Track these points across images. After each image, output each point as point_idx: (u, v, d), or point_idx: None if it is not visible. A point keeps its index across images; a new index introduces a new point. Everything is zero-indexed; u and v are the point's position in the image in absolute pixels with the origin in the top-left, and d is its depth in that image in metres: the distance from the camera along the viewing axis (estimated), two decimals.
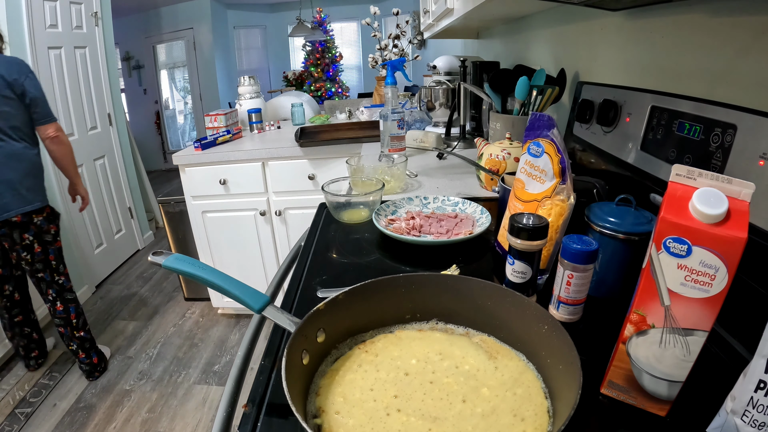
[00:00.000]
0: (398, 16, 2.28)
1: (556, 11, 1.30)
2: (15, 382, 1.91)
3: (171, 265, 0.51)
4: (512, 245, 0.54)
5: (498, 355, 0.47)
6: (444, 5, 1.60)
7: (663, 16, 0.79)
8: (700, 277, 0.35)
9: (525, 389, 0.43)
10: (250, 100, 2.39)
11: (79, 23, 2.64)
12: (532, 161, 0.63)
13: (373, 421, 0.40)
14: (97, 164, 2.79)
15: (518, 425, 0.39)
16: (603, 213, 0.60)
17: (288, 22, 6.02)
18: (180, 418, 1.71)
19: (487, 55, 2.37)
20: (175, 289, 2.67)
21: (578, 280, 0.53)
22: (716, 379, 0.46)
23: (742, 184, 0.35)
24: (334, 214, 0.95)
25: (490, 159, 1.03)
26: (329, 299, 0.48)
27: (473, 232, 0.80)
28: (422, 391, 0.43)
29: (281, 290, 0.78)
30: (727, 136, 0.56)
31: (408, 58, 2.01)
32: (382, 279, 0.53)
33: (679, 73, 0.75)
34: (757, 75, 0.58)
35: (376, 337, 0.51)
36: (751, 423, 0.34)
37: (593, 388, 0.46)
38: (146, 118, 5.61)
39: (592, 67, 1.09)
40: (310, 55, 5.73)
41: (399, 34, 2.38)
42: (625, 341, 0.41)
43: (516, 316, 0.48)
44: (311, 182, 1.99)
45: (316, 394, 0.44)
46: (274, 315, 0.48)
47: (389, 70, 1.24)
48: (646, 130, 0.74)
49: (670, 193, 0.37)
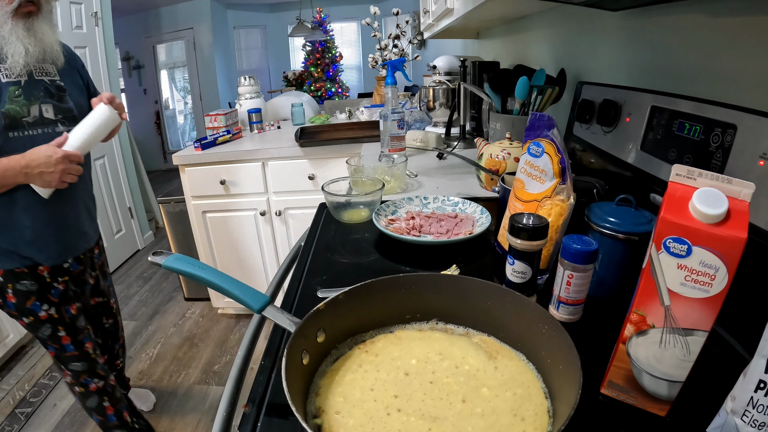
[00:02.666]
0: (398, 16, 2.28)
1: (556, 11, 1.30)
2: (15, 382, 1.91)
3: (171, 265, 0.51)
4: (512, 245, 0.54)
5: (498, 355, 0.47)
6: (444, 5, 1.60)
7: (663, 16, 0.79)
8: (700, 277, 0.35)
9: (525, 389, 0.43)
10: (250, 100, 2.39)
11: (79, 23, 2.64)
12: (532, 161, 0.63)
13: (374, 421, 0.40)
14: (97, 164, 2.79)
15: (518, 425, 0.39)
16: (603, 213, 0.60)
17: (288, 22, 6.02)
18: (180, 418, 1.71)
19: (487, 55, 2.37)
20: (175, 289, 2.67)
21: (578, 280, 0.53)
22: (716, 379, 0.46)
23: (742, 184, 0.35)
24: (334, 214, 0.95)
25: (490, 159, 1.03)
26: (329, 299, 0.48)
27: (473, 232, 0.80)
28: (422, 391, 0.43)
29: (281, 290, 0.78)
30: (727, 136, 0.56)
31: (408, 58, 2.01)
32: (382, 279, 0.53)
33: (679, 73, 0.75)
34: (757, 75, 0.58)
35: (376, 337, 0.51)
36: (751, 423, 0.34)
37: (593, 388, 0.46)
38: (146, 118, 5.61)
39: (592, 67, 1.09)
40: (310, 55, 5.73)
41: (399, 34, 2.38)
42: (625, 341, 0.41)
43: (516, 316, 0.48)
44: (311, 182, 1.99)
45: (316, 394, 0.44)
46: (274, 315, 0.48)
47: (389, 70, 1.24)
48: (646, 130, 0.74)
49: (670, 193, 0.37)
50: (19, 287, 1.17)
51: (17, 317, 1.21)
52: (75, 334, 1.26)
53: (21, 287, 1.17)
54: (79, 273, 1.33)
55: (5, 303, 1.19)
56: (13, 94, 1.04)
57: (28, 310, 1.19)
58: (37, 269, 1.18)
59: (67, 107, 1.17)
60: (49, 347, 1.25)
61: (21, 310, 1.19)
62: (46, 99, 1.11)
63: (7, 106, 1.03)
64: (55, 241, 1.19)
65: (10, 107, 1.04)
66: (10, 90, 1.04)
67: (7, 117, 1.03)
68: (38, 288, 1.19)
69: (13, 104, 1.04)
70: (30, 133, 1.08)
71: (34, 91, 1.09)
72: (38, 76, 1.10)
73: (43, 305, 1.20)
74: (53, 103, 1.13)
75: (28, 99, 1.07)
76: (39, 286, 1.19)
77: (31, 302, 1.18)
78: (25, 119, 1.06)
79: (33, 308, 1.19)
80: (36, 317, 1.20)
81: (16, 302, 1.18)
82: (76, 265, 1.30)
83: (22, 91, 1.06)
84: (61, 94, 1.16)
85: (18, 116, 1.05)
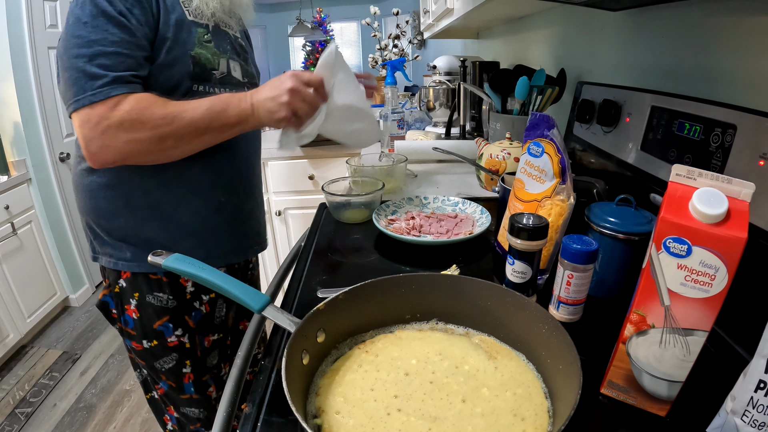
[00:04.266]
0: (398, 16, 2.28)
1: (556, 11, 1.30)
2: (15, 382, 1.91)
3: (171, 264, 0.51)
4: (512, 245, 0.54)
5: (498, 355, 0.48)
6: (444, 5, 1.60)
7: (663, 16, 0.79)
8: (700, 277, 0.35)
9: (525, 389, 0.43)
10: None
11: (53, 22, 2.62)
12: (532, 161, 0.63)
13: (374, 421, 0.40)
14: None
15: (518, 425, 0.39)
16: (603, 213, 0.60)
17: (288, 22, 6.02)
18: None
19: (487, 55, 2.37)
20: None
21: (578, 280, 0.53)
22: (716, 379, 0.46)
23: (742, 184, 0.35)
24: (334, 214, 0.95)
25: (490, 159, 1.03)
26: (329, 299, 0.48)
27: (473, 232, 0.80)
28: (422, 391, 0.43)
29: (281, 290, 0.78)
30: (727, 136, 0.56)
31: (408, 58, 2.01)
32: (382, 279, 0.53)
33: (679, 73, 0.75)
34: (757, 75, 0.58)
35: (376, 337, 0.51)
36: (751, 423, 0.34)
37: (593, 388, 0.46)
38: None
39: (592, 67, 1.09)
40: (310, 55, 5.72)
41: (399, 34, 2.38)
42: (625, 341, 0.41)
43: (516, 316, 0.48)
44: (311, 182, 1.99)
45: (316, 394, 0.44)
46: (274, 315, 0.48)
47: (389, 70, 1.24)
48: (646, 130, 0.74)
49: (670, 193, 0.37)
50: (151, 300, 0.86)
51: (134, 338, 0.89)
52: (202, 373, 0.95)
53: (153, 300, 0.86)
54: None
55: (122, 316, 0.88)
56: (203, 38, 0.80)
57: (154, 333, 0.87)
58: (179, 279, 0.87)
59: (252, 72, 0.95)
60: (162, 383, 0.94)
61: (143, 330, 0.88)
62: (234, 56, 0.88)
63: (197, 49, 0.79)
64: (229, 234, 0.91)
65: (200, 51, 0.79)
66: (200, 32, 0.80)
67: (197, 64, 0.79)
68: (177, 305, 0.87)
69: (203, 49, 0.80)
70: (216, 91, 0.83)
71: (222, 43, 0.85)
72: (223, 28, 0.87)
73: (176, 329, 0.88)
74: (240, 62, 0.90)
75: (218, 48, 0.83)
76: (178, 303, 0.88)
77: (162, 322, 0.87)
78: (214, 72, 0.82)
79: (161, 330, 0.87)
80: (162, 343, 0.88)
81: (139, 318, 0.87)
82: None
83: (211, 36, 0.82)
84: (246, 54, 0.94)
85: (208, 65, 0.81)
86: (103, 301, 0.89)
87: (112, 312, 0.89)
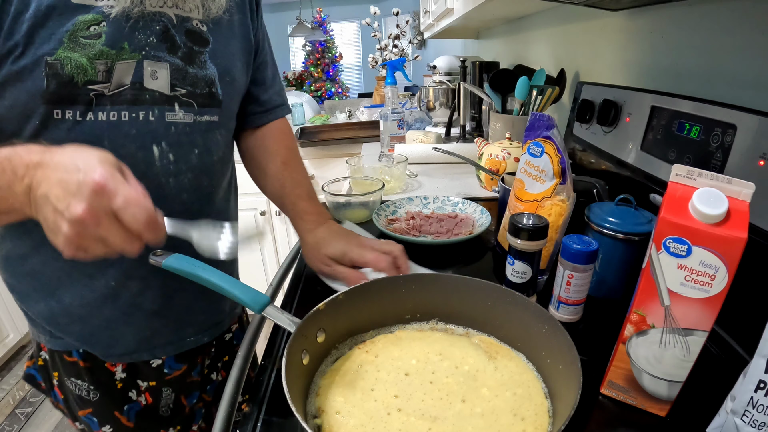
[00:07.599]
0: (398, 16, 2.28)
1: (556, 11, 1.30)
2: (15, 382, 1.91)
3: (171, 264, 0.51)
4: (512, 245, 0.54)
5: (498, 355, 0.48)
6: (444, 5, 1.60)
7: (663, 16, 0.79)
8: (700, 277, 0.35)
9: (525, 389, 0.43)
10: None
11: None
12: (532, 161, 0.63)
13: (374, 421, 0.40)
14: None
15: (518, 425, 0.39)
16: (603, 213, 0.60)
17: (288, 22, 6.01)
18: None
19: (487, 55, 2.37)
20: None
21: (578, 280, 0.53)
22: (716, 379, 0.46)
23: (742, 184, 0.35)
24: (334, 214, 0.95)
25: (490, 159, 1.03)
26: (329, 299, 0.48)
27: (473, 232, 0.80)
28: (422, 391, 0.43)
29: (281, 290, 0.78)
30: (727, 136, 0.56)
31: (408, 58, 2.01)
32: (382, 279, 0.53)
33: (679, 73, 0.75)
34: (757, 75, 0.58)
35: (376, 337, 0.51)
36: (751, 423, 0.34)
37: (593, 388, 0.46)
38: None
39: (592, 67, 1.09)
40: (310, 55, 5.73)
41: (399, 34, 2.38)
42: (625, 341, 0.41)
43: (516, 316, 0.48)
44: (311, 182, 1.99)
45: (316, 394, 0.44)
46: (274, 315, 0.48)
47: (389, 70, 1.24)
48: (646, 130, 0.74)
49: (670, 193, 0.37)
50: (69, 385, 0.66)
51: (67, 416, 0.72)
52: None
53: (71, 386, 0.66)
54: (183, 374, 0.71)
55: (50, 390, 0.70)
56: (85, 30, 0.48)
57: (80, 419, 0.69)
58: (103, 364, 0.65)
59: (208, 76, 0.60)
60: None
61: (70, 412, 0.70)
62: (160, 53, 0.55)
63: (62, 52, 0.48)
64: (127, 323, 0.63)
65: (66, 55, 0.48)
66: (81, 21, 0.48)
67: (55, 76, 0.48)
68: (100, 397, 0.66)
69: (77, 50, 0.48)
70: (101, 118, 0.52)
71: (140, 35, 0.53)
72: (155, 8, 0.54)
73: (103, 425, 0.68)
74: (175, 63, 0.56)
75: (127, 44, 0.51)
76: (101, 395, 0.66)
77: (85, 414, 0.68)
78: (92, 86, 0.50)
79: (87, 421, 0.68)
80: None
81: (65, 400, 0.69)
82: (177, 364, 0.70)
83: (113, 26, 0.50)
84: (201, 50, 0.59)
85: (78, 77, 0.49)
86: (28, 373, 0.70)
87: (41, 384, 0.70)
